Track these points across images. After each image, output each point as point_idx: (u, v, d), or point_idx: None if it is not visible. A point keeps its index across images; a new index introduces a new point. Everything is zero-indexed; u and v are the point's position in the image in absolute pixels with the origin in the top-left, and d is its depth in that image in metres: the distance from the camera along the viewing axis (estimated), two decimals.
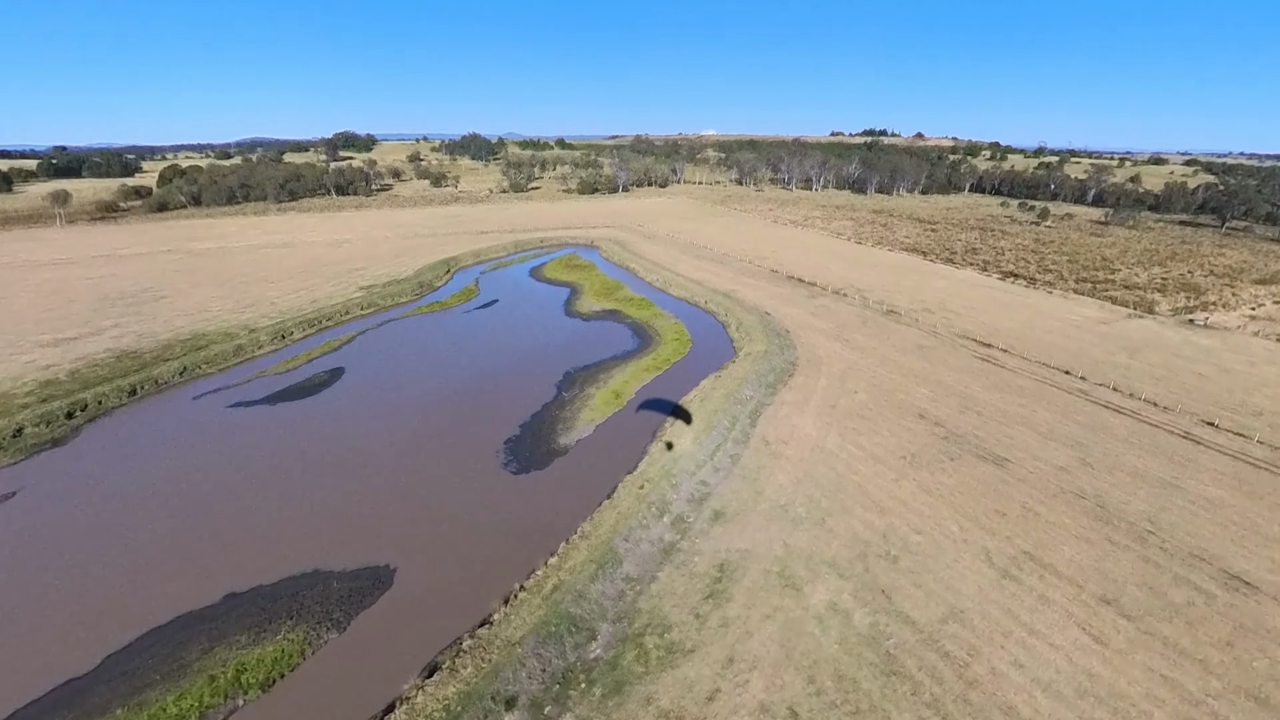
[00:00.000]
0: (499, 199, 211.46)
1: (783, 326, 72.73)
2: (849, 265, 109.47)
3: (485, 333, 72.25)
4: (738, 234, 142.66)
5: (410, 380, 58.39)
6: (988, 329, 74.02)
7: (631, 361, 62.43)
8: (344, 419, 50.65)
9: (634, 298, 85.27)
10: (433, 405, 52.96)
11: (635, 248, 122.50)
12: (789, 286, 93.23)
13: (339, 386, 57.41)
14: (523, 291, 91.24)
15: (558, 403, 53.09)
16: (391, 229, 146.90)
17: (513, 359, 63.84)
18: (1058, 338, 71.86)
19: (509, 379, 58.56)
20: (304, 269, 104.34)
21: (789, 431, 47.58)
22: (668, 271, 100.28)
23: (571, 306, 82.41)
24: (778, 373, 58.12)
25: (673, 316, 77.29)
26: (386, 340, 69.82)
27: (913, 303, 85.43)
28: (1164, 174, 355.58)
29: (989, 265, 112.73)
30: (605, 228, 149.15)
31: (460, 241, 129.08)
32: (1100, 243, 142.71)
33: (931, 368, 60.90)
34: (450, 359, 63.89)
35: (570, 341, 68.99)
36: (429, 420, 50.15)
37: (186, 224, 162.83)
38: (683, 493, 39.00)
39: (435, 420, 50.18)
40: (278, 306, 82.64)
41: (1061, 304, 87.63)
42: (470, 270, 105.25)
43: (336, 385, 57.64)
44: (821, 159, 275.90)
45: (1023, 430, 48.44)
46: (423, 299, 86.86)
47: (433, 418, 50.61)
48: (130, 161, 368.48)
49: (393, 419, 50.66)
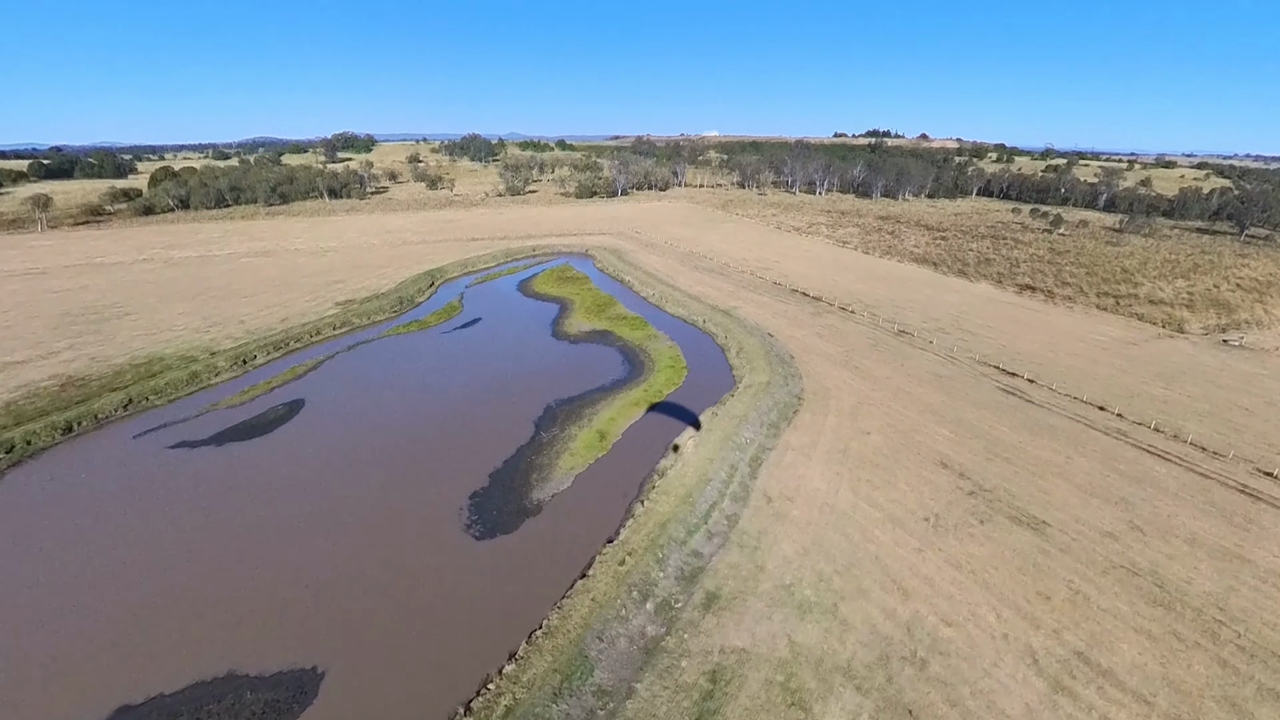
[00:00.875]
0: (494, 203, 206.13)
1: (787, 351, 67.10)
2: (856, 278, 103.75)
3: (463, 357, 66.76)
4: (739, 242, 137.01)
5: (373, 417, 52.93)
6: (1009, 353, 68.30)
7: (620, 393, 56.87)
8: (292, 466, 45.19)
9: (627, 316, 79.71)
10: (394, 448, 47.49)
11: (631, 258, 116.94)
12: (793, 302, 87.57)
13: (294, 424, 51.96)
14: (509, 308, 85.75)
15: (535, 445, 47.55)
16: (380, 236, 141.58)
17: (490, 389, 58.34)
18: (1085, 363, 66.11)
19: (483, 414, 53.05)
20: (282, 281, 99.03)
21: (794, 484, 41.98)
22: (664, 285, 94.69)
23: (559, 326, 76.87)
24: (781, 409, 52.50)
25: (668, 338, 71.71)
26: (354, 367, 64.39)
27: (926, 321, 79.73)
28: (1175, 177, 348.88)
29: (1004, 278, 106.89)
30: (601, 235, 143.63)
31: (449, 250, 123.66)
32: (1118, 252, 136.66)
33: (951, 402, 55.21)
34: (421, 389, 58.42)
35: (555, 368, 63.48)
36: (387, 468, 44.68)
37: (171, 229, 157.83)
38: (670, 567, 33.44)
39: (394, 468, 44.71)
40: (246, 325, 77.30)
41: (1084, 322, 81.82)
42: (456, 283, 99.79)
43: (291, 423, 52.18)
44: (825, 162, 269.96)
45: (1059, 483, 42.76)
46: (401, 316, 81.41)
47: (392, 464, 45.15)
48: (125, 162, 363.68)
49: (347, 467, 45.17)
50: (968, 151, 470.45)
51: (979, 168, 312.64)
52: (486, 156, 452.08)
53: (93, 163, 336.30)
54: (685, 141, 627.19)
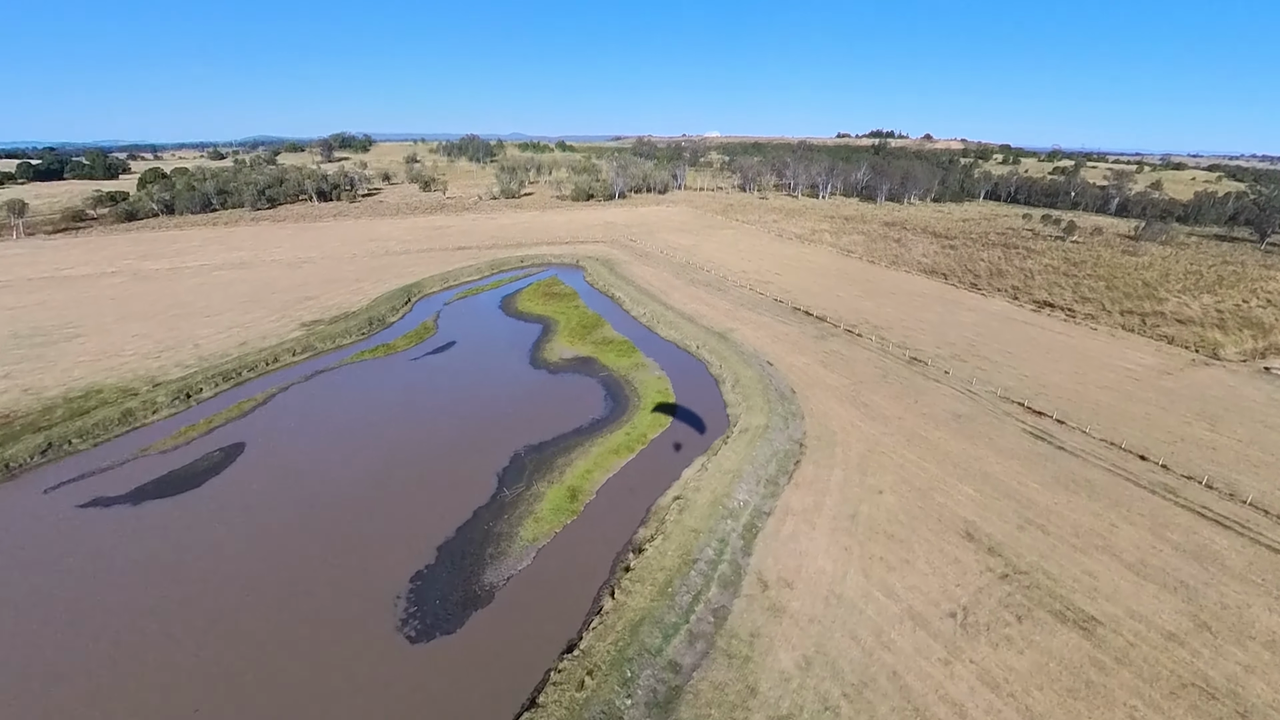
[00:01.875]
0: (487, 207, 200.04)
1: (787, 383, 60.81)
2: (862, 292, 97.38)
3: (427, 391, 60.52)
4: (739, 251, 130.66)
5: (313, 467, 46.80)
6: (1032, 385, 61.92)
7: (600, 438, 50.63)
8: (208, 535, 39.04)
9: (614, 339, 73.47)
10: (331, 510, 41.34)
11: (625, 270, 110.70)
12: (795, 323, 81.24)
13: (225, 476, 45.84)
14: (487, 329, 79.49)
15: (495, 507, 41.36)
16: (363, 244, 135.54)
17: (452, 432, 52.14)
18: (1117, 397, 59.71)
19: (441, 464, 46.89)
20: (251, 297, 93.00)
21: (795, 563, 35.74)
22: (657, 303, 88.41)
23: (540, 351, 70.65)
24: (781, 459, 46.25)
25: (657, 367, 65.46)
26: (305, 402, 58.23)
27: (939, 345, 73.37)
28: (1186, 180, 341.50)
29: (1019, 292, 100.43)
30: (595, 243, 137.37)
31: (433, 261, 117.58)
32: (1136, 263, 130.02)
33: (973, 449, 48.89)
34: (372, 432, 52.22)
35: (529, 404, 57.28)
36: (318, 538, 38.49)
37: (150, 237, 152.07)
38: (640, 691, 27.24)
39: (327, 537, 38.52)
40: (201, 350, 71.28)
41: (1111, 346, 75.36)
42: (434, 299, 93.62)
43: (222, 475, 46.06)
44: (829, 164, 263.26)
45: (1105, 562, 36.43)
46: (369, 339, 75.26)
47: (325, 533, 38.96)
48: (118, 162, 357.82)
49: (269, 538, 38.92)
50: (973, 153, 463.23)
51: (985, 171, 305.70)
52: (485, 157, 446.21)
53: (84, 163, 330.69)
54: (686, 142, 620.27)
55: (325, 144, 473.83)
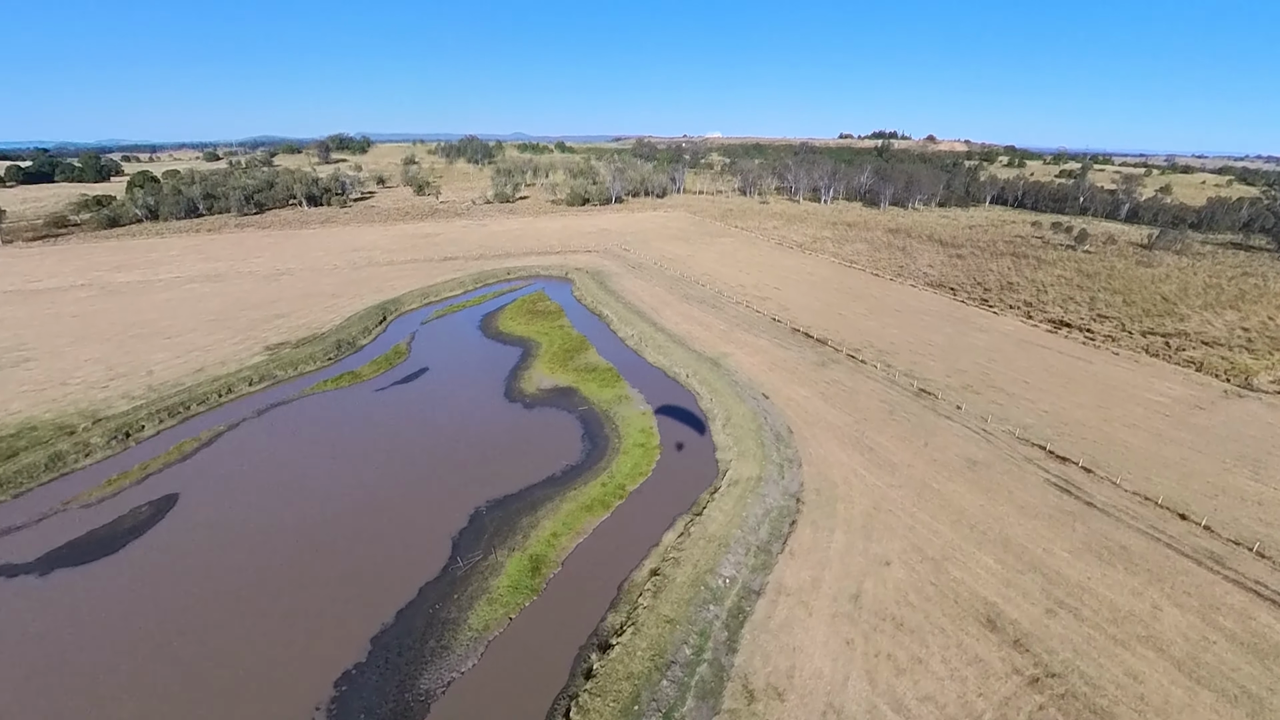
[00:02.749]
0: (480, 212, 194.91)
1: (784, 421, 55.50)
2: (866, 310, 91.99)
3: (388, 429, 55.25)
4: (737, 263, 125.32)
5: (247, 528, 41.64)
6: (1053, 423, 56.54)
7: (573, 490, 45.38)
8: (113, 616, 33.94)
9: (598, 366, 68.21)
10: (257, 585, 36.15)
11: (616, 283, 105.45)
12: (794, 346, 75.91)
13: (150, 537, 40.76)
14: (463, 353, 74.20)
15: (445, 583, 36.14)
16: (346, 254, 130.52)
17: (411, 480, 46.98)
18: (1147, 438, 54.30)
19: (392, 524, 41.73)
20: (219, 315, 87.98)
21: (787, 663, 30.48)
22: (646, 324, 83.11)
23: (516, 380, 65.42)
24: (775, 520, 40.99)
25: (642, 400, 60.19)
26: (253, 443, 53.05)
27: (949, 373, 68.02)
28: (1196, 184, 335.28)
29: (1032, 309, 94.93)
30: (587, 253, 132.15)
31: (417, 273, 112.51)
32: (1152, 275, 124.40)
33: (991, 506, 43.56)
34: (321, 481, 47.05)
35: (500, 445, 52.08)
36: (235, 623, 33.22)
37: (129, 245, 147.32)
38: None
39: (244, 623, 33.26)
40: (153, 378, 66.27)
41: (1135, 374, 69.88)
42: (411, 317, 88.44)
43: (147, 535, 40.97)
44: (831, 169, 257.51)
45: (1152, 660, 31.10)
46: (335, 365, 70.11)
47: (243, 617, 33.72)
48: (110, 164, 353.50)
49: (180, 621, 33.72)
50: (977, 155, 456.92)
51: (991, 174, 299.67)
52: (483, 159, 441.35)
53: (75, 166, 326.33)
54: (687, 143, 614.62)
55: (323, 145, 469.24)
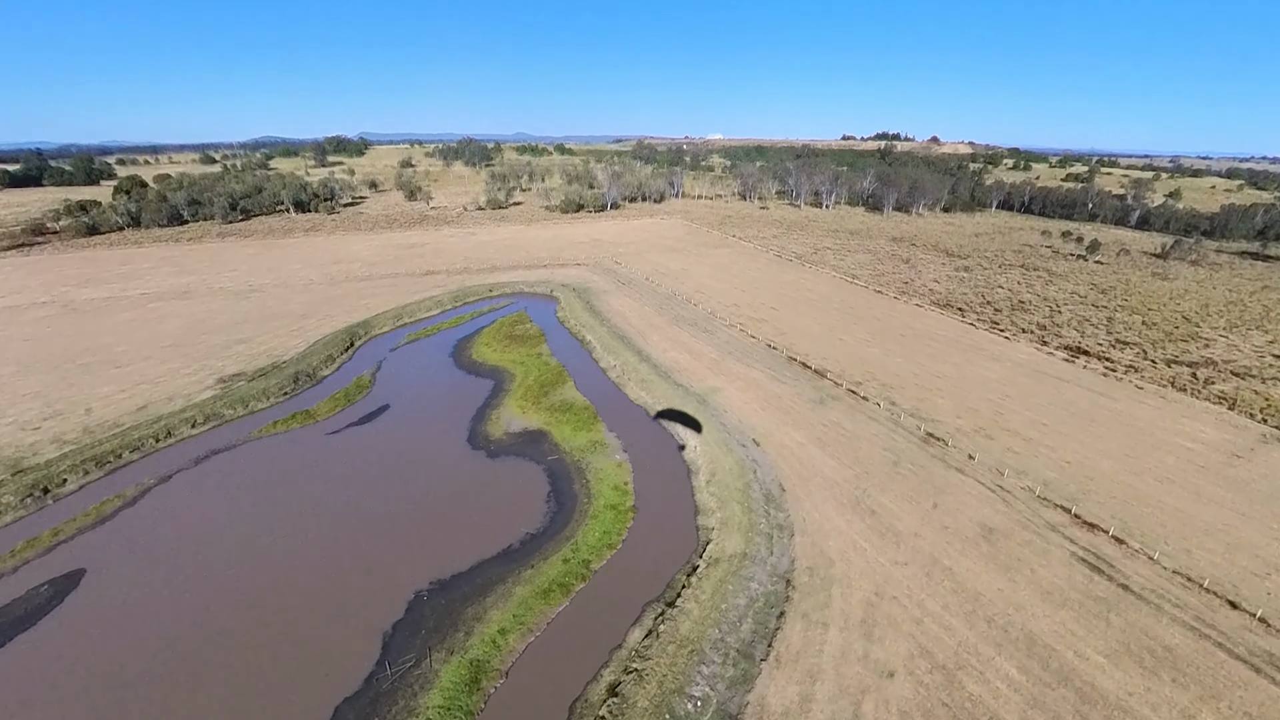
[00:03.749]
0: (470, 219, 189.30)
1: (775, 477, 49.72)
2: (869, 334, 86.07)
3: (333, 482, 49.46)
4: (732, 278, 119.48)
5: (155, 613, 36.11)
6: (1077, 477, 50.69)
7: (530, 569, 39.63)
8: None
9: (575, 404, 62.45)
10: (146, 700, 30.58)
11: (603, 303, 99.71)
12: (790, 378, 70.10)
13: (40, 630, 35.15)
14: (430, 386, 68.39)
15: (366, 701, 30.47)
16: (325, 267, 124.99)
17: (346, 553, 41.29)
18: (1183, 496, 48.44)
19: (313, 614, 36.03)
20: (177, 339, 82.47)
21: None
22: (630, 352, 77.30)
23: (484, 421, 59.65)
24: (760, 613, 35.25)
25: (619, 448, 54.41)
26: (181, 501, 47.38)
27: (959, 412, 62.18)
28: (1205, 188, 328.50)
29: (1046, 333, 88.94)
30: (576, 266, 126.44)
31: (395, 289, 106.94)
32: (1170, 289, 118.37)
33: (1012, 591, 37.75)
34: (246, 551, 41.38)
35: (455, 506, 46.39)
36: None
37: (104, 255, 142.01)
38: None
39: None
40: (93, 416, 60.81)
41: (1162, 414, 63.92)
42: (382, 342, 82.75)
43: (38, 627, 35.36)
44: (833, 175, 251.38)
45: None
46: (291, 401, 64.44)
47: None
48: (103, 167, 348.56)
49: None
50: (982, 158, 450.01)
51: (998, 179, 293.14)
52: (480, 161, 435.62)
53: (66, 169, 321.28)
54: (688, 145, 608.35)
55: (319, 148, 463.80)
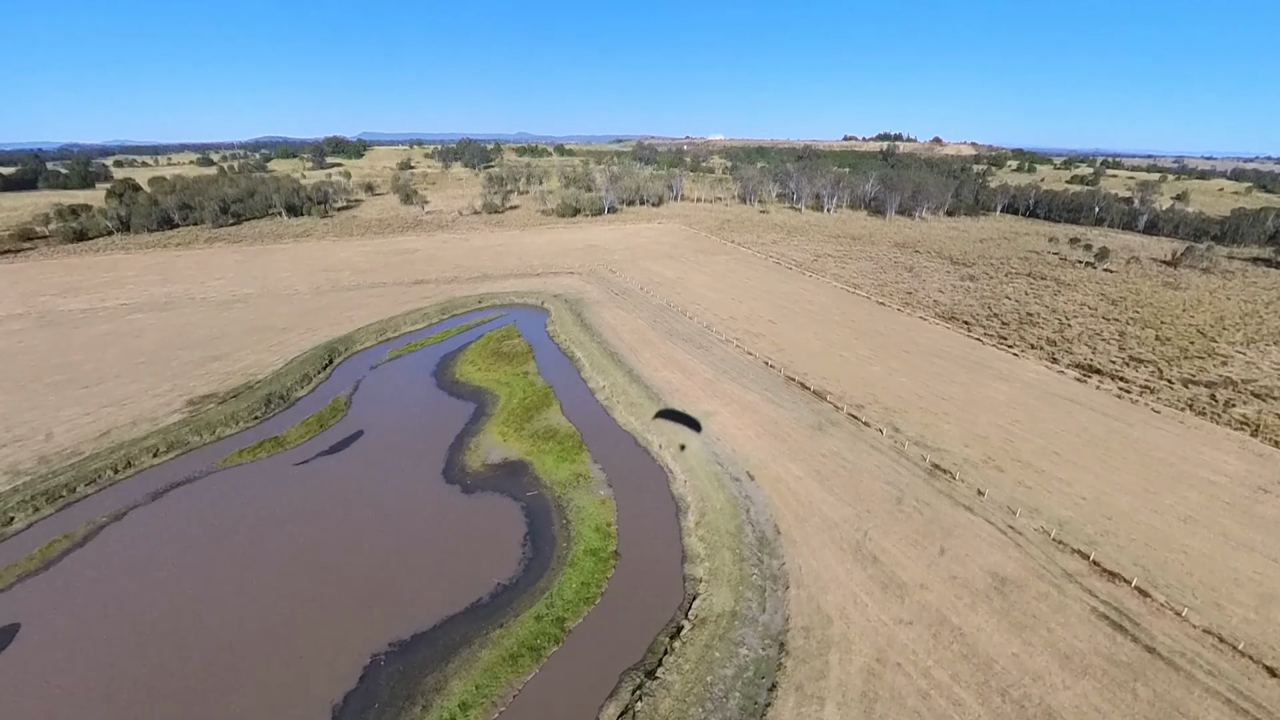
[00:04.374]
0: (465, 224, 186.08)
1: (770, 517, 46.32)
2: (871, 351, 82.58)
3: (295, 521, 46.11)
4: (730, 287, 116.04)
5: (79, 681, 32.84)
6: (1095, 515, 47.20)
7: (499, 628, 36.22)
8: None
9: (559, 430, 59.07)
10: None
11: (594, 315, 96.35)
12: (788, 401, 66.66)
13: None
14: (408, 410, 64.90)
15: None
16: (313, 275, 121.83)
17: (300, 608, 37.91)
18: (1209, 539, 44.93)
19: (256, 686, 32.68)
20: (151, 355, 79.32)
21: None
22: (620, 372, 73.89)
23: (463, 450, 56.28)
24: (748, 686, 31.85)
25: (604, 483, 51.02)
26: (132, 543, 44.09)
27: (967, 440, 58.70)
28: (1213, 190, 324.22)
29: (1056, 349, 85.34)
30: (570, 274, 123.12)
31: (382, 300, 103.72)
32: (1182, 300, 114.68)
33: (1028, 658, 34.29)
34: (193, 603, 38.10)
35: (424, 550, 43.03)
36: None
37: (90, 262, 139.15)
38: None
39: None
40: (52, 443, 57.66)
41: (1181, 440, 60.36)
42: (363, 358, 79.45)
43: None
44: (835, 178, 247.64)
45: None
46: (261, 426, 61.14)
47: None
48: (99, 169, 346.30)
49: None
50: (985, 159, 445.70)
51: (1003, 182, 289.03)
52: (479, 162, 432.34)
53: (61, 172, 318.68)
54: (689, 145, 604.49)
55: (317, 150, 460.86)
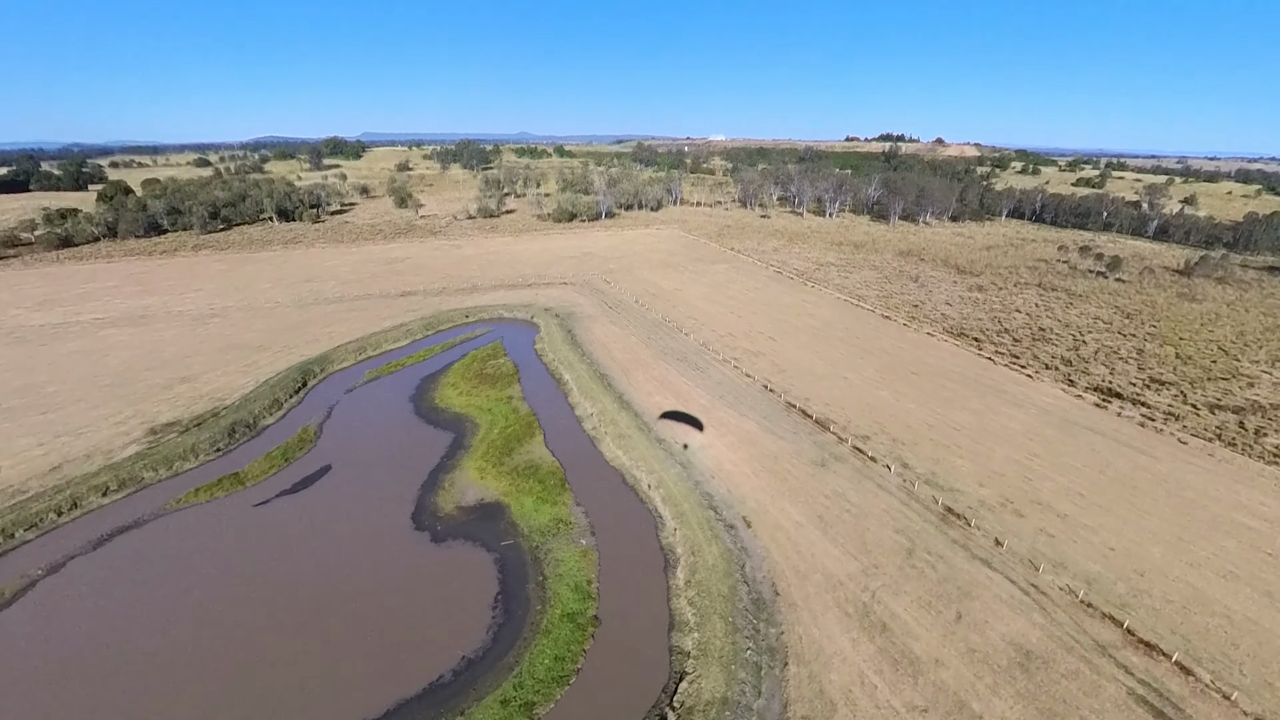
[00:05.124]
0: (458, 229, 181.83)
1: (768, 574, 41.98)
2: (877, 372, 78.19)
3: (244, 576, 41.62)
4: (729, 299, 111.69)
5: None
6: (1125, 572, 42.82)
7: (459, 718, 31.94)
8: None
9: (542, 466, 54.73)
10: None
11: (586, 331, 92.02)
12: (788, 431, 62.25)
13: None
14: (381, 441, 60.23)
15: None
16: (296, 286, 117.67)
17: (232, 694, 33.63)
18: (1252, 600, 40.53)
19: None
20: (117, 377, 75.14)
21: None
22: (612, 396, 69.51)
23: (435, 489, 51.92)
24: None
25: (587, 530, 46.65)
26: (61, 603, 39.84)
27: (982, 478, 54.30)
28: (1221, 193, 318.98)
29: (1072, 369, 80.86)
30: (562, 285, 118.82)
31: (365, 314, 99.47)
32: (1200, 313, 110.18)
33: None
34: (113, 685, 33.79)
35: (381, 615, 38.66)
36: None
37: (70, 271, 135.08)
38: None
39: None
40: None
41: (1212, 478, 55.89)
42: (339, 379, 75.15)
43: None
44: (837, 181, 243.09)
45: None
46: (222, 458, 56.89)
47: None
48: (92, 171, 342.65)
49: None
50: (989, 161, 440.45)
51: (1008, 186, 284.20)
52: (478, 164, 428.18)
53: (53, 173, 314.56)
54: (690, 146, 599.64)
55: (314, 151, 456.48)
